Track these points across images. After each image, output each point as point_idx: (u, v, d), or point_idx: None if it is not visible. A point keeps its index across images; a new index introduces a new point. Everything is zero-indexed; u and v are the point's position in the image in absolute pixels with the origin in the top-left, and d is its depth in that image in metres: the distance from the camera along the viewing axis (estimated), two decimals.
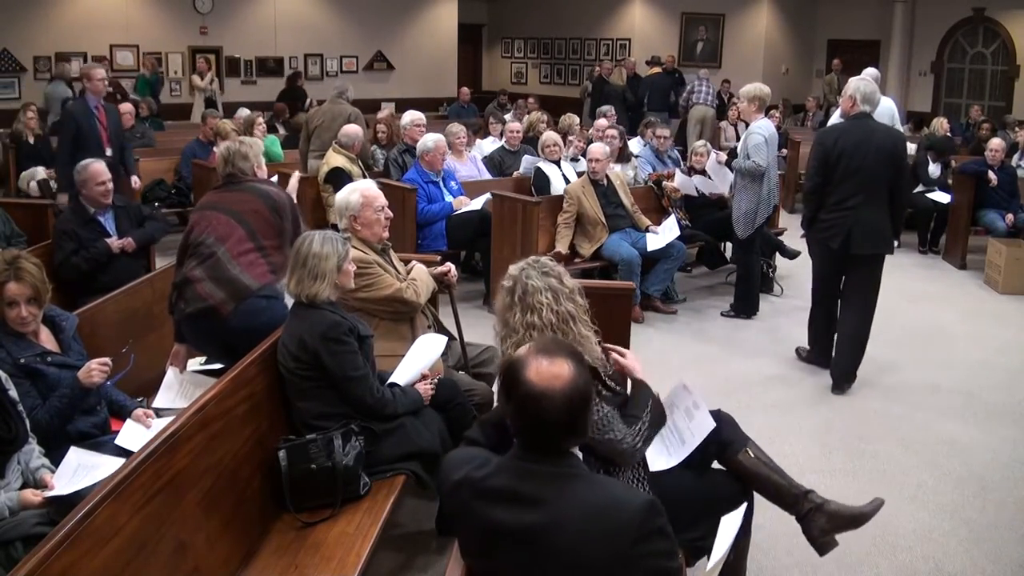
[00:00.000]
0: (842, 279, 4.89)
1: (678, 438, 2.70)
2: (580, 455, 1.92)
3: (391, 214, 3.65)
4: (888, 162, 4.62)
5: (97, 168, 4.59)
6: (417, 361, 3.22)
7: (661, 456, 2.66)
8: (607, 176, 6.22)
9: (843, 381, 4.85)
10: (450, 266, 3.91)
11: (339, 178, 6.27)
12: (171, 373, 3.59)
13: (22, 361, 2.88)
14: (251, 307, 3.40)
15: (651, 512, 1.79)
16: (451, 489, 1.94)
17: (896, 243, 4.91)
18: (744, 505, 2.42)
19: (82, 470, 2.66)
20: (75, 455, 2.71)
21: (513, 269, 2.56)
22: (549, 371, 1.78)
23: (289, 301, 3.16)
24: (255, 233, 3.50)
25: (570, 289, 2.53)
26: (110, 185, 4.65)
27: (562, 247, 6.02)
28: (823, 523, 2.69)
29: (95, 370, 2.92)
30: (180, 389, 3.55)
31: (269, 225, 3.54)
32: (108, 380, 3.04)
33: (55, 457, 2.73)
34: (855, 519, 2.72)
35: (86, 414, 3.02)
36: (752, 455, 2.71)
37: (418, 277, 3.63)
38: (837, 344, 4.93)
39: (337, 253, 3.01)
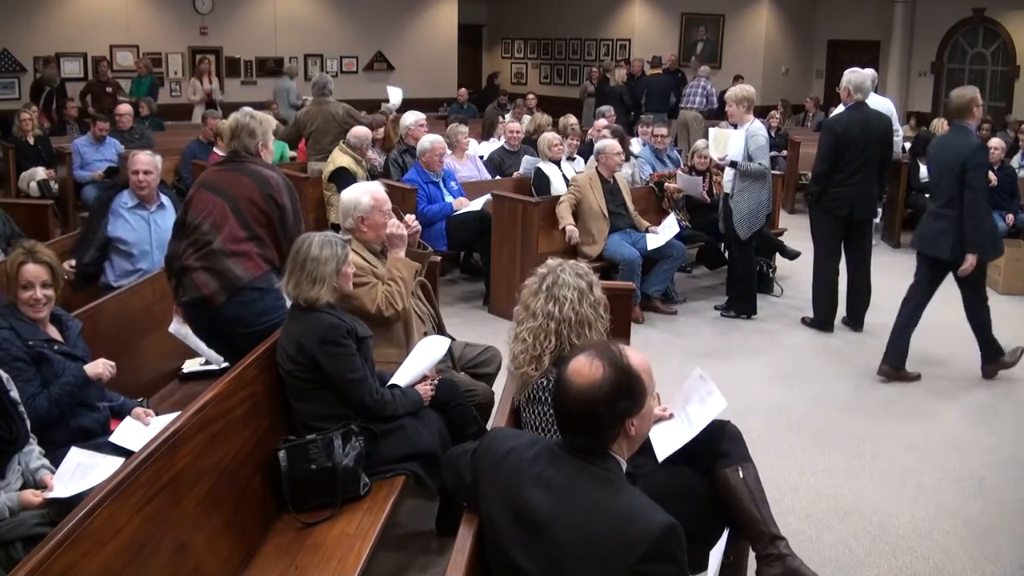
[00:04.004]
0: (841, 241, 5.75)
1: (688, 423, 2.71)
2: (623, 462, 1.93)
3: (404, 228, 3.61)
4: (881, 142, 5.58)
5: (138, 157, 4.48)
6: (418, 362, 3.21)
7: (668, 439, 2.67)
8: (613, 176, 6.23)
9: (859, 318, 5.84)
10: (414, 226, 3.72)
11: (343, 178, 6.29)
12: (175, 322, 3.67)
13: (31, 343, 2.91)
14: (243, 298, 3.40)
15: (670, 535, 1.76)
16: (496, 460, 2.00)
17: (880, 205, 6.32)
18: (726, 532, 2.39)
19: (81, 471, 2.65)
20: (75, 456, 2.71)
21: (551, 262, 2.72)
22: (581, 367, 1.87)
23: (285, 295, 3.17)
24: (248, 222, 3.45)
25: (596, 299, 2.64)
26: (147, 178, 4.41)
27: (567, 223, 5.96)
28: (777, 574, 2.58)
29: (102, 364, 3.00)
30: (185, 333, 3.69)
31: (263, 213, 3.48)
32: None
33: (55, 457, 2.74)
34: None
35: (89, 410, 3.03)
36: (740, 476, 2.61)
37: (397, 276, 3.47)
38: (849, 291, 5.85)
39: (336, 256, 2.99)
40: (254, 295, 3.40)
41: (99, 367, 3.00)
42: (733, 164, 5.80)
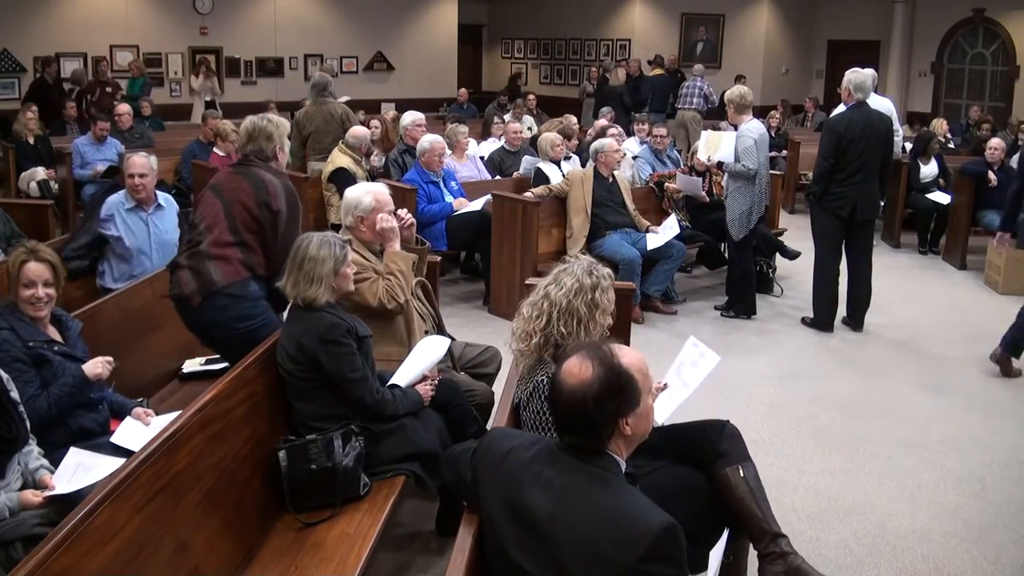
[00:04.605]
0: (842, 240, 5.76)
1: (682, 385, 2.74)
2: (621, 462, 1.94)
3: (395, 221, 3.59)
4: (882, 142, 5.58)
5: (133, 160, 4.49)
6: (419, 362, 3.21)
7: (664, 404, 2.69)
8: (613, 175, 6.24)
9: (860, 317, 5.84)
10: (407, 218, 3.69)
11: (343, 178, 6.29)
12: None
13: (31, 344, 2.91)
14: (215, 303, 3.40)
15: (669, 535, 1.77)
16: (496, 460, 2.02)
17: (881, 205, 6.25)
18: (726, 532, 2.39)
19: (82, 470, 2.66)
20: (74, 455, 2.72)
21: (583, 256, 2.76)
22: (572, 367, 1.90)
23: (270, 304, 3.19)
24: (238, 227, 3.45)
25: (593, 300, 2.61)
26: (143, 181, 4.43)
27: (533, 191, 6.20)
28: (779, 572, 2.58)
29: (100, 363, 2.99)
30: None
31: (254, 219, 3.46)
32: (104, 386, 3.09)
33: (54, 458, 2.74)
34: None
35: (88, 410, 3.03)
36: (741, 474, 2.61)
37: (395, 269, 3.46)
38: (850, 291, 5.84)
39: (334, 257, 2.99)
40: (226, 300, 3.39)
41: (98, 367, 2.99)
42: (719, 165, 5.84)
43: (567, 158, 7.11)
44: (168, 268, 3.60)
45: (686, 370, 2.79)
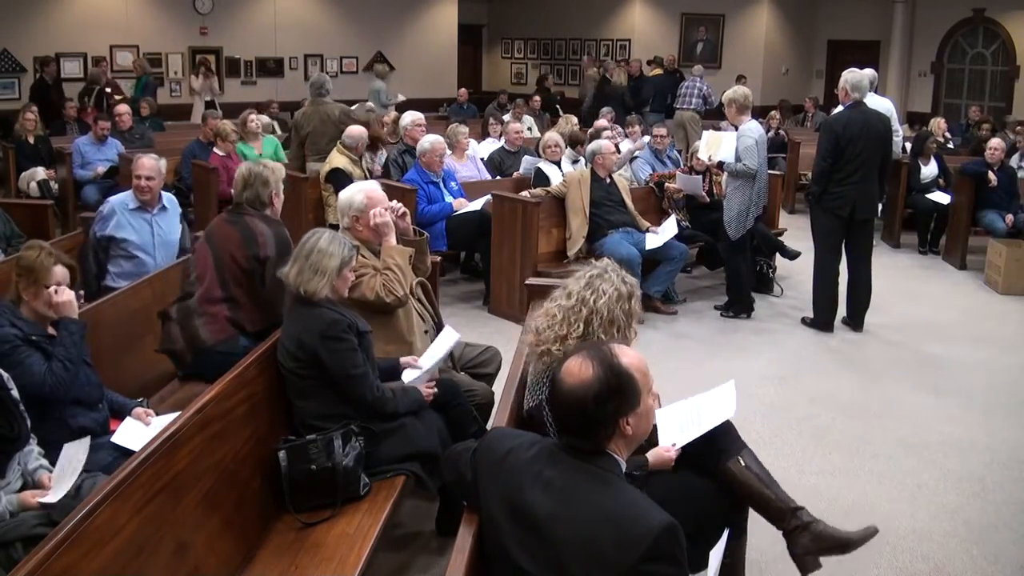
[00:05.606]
0: (842, 240, 5.76)
1: (697, 422, 2.75)
2: (621, 462, 1.94)
3: (388, 216, 3.59)
4: (880, 142, 5.61)
5: (142, 162, 4.52)
6: (435, 354, 3.24)
7: (674, 431, 2.71)
8: (610, 176, 6.24)
9: (859, 317, 5.84)
10: (399, 207, 3.67)
11: (340, 178, 6.29)
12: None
13: (33, 337, 2.92)
14: (205, 361, 3.48)
15: (669, 535, 1.77)
16: (496, 460, 2.02)
17: (880, 206, 6.23)
18: (726, 532, 2.40)
19: (73, 464, 2.64)
20: (65, 451, 2.71)
21: (605, 262, 2.76)
22: (572, 367, 1.90)
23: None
24: (227, 281, 3.48)
25: (630, 308, 2.68)
26: (149, 184, 4.47)
27: (535, 190, 6.28)
28: (807, 542, 2.61)
29: (63, 293, 2.98)
30: None
31: (243, 272, 3.49)
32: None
33: (53, 458, 2.73)
34: (843, 544, 2.62)
35: (88, 410, 3.02)
36: (743, 464, 2.65)
37: (392, 264, 3.43)
38: (850, 291, 5.84)
39: (342, 256, 3.01)
40: (217, 358, 3.42)
41: (63, 296, 2.98)
42: (720, 165, 5.85)
43: (575, 162, 7.09)
44: (159, 316, 3.65)
45: (706, 409, 2.80)
